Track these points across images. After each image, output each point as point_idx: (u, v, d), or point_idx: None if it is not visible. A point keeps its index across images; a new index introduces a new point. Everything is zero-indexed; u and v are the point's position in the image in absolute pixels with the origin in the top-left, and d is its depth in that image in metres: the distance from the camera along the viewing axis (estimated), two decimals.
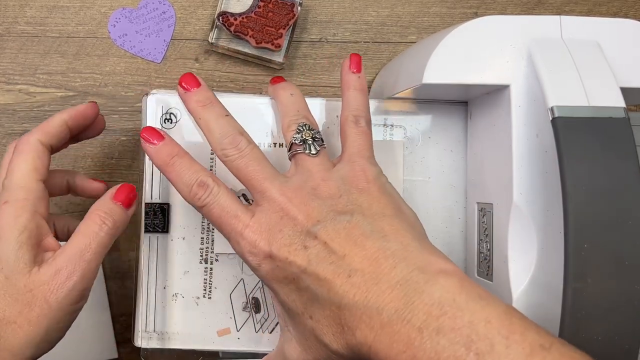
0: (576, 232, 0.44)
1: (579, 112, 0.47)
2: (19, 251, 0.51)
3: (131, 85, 0.72)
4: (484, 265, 0.58)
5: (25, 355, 0.50)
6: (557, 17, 0.54)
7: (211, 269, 0.63)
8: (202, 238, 0.62)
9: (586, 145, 0.46)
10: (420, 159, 0.63)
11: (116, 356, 0.72)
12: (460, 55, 0.53)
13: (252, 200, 0.53)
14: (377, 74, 0.72)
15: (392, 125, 0.63)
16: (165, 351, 0.63)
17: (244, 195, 0.61)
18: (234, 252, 0.54)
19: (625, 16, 0.73)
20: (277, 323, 0.63)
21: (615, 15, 0.74)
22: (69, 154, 0.71)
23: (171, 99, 0.63)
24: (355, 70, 0.57)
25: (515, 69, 0.53)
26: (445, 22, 0.74)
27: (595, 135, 0.46)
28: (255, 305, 0.63)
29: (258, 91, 0.73)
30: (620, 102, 0.48)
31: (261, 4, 0.70)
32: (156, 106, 0.62)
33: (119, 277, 0.72)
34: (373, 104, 0.63)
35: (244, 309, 0.63)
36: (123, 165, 0.72)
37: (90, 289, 0.54)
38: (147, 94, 0.62)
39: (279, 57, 0.71)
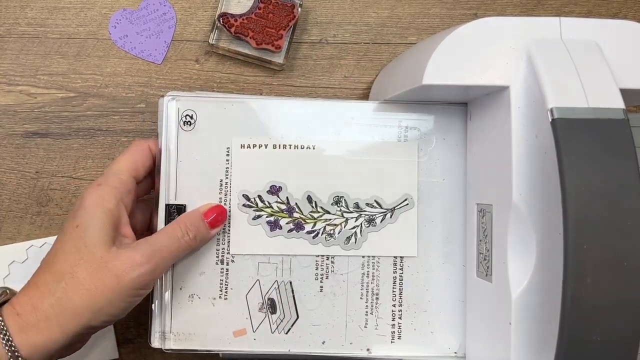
0: (575, 233, 0.44)
1: (579, 114, 0.47)
2: (102, 229, 0.56)
3: (132, 86, 0.72)
4: (483, 265, 0.58)
5: (85, 317, 0.55)
6: (557, 18, 0.54)
7: (227, 269, 0.63)
8: (218, 239, 0.63)
9: (585, 147, 0.46)
10: (435, 160, 0.63)
11: (116, 356, 0.72)
12: (460, 56, 0.53)
13: None
14: (376, 76, 0.72)
15: (406, 127, 0.63)
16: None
17: (244, 195, 0.61)
18: (250, 253, 0.59)
19: (625, 17, 0.73)
20: (294, 323, 0.64)
21: (614, 16, 0.74)
22: (70, 155, 0.71)
23: (188, 101, 0.63)
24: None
25: (514, 70, 0.53)
26: (445, 23, 0.74)
27: (594, 136, 0.46)
28: (271, 306, 0.64)
29: (258, 92, 0.73)
30: (620, 104, 0.48)
31: (261, 5, 0.70)
32: (174, 108, 0.63)
33: None
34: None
35: (260, 309, 0.64)
36: None
37: (152, 286, 0.60)
38: (163, 96, 0.63)
39: (279, 58, 0.71)
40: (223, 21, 0.69)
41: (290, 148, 0.64)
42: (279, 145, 0.63)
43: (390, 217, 0.63)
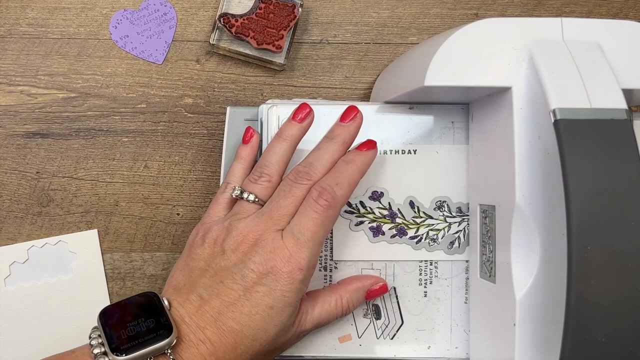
0: (579, 234, 0.44)
1: (581, 114, 0.47)
2: (293, 316, 0.56)
3: (132, 86, 0.72)
4: (487, 267, 0.58)
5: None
6: (559, 18, 0.54)
7: (330, 276, 0.64)
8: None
9: (588, 147, 0.46)
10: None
11: None
12: (462, 57, 0.53)
13: None
14: (377, 76, 0.72)
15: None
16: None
17: None
18: (353, 259, 0.63)
19: (626, 17, 0.74)
20: (399, 329, 0.64)
21: (615, 16, 0.74)
22: (70, 155, 0.71)
23: (286, 108, 0.64)
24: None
25: (516, 71, 0.53)
26: (445, 24, 0.74)
27: (597, 137, 0.46)
28: (375, 312, 0.64)
29: (259, 92, 0.73)
30: (622, 104, 0.48)
31: (262, 5, 0.70)
32: (275, 115, 0.64)
33: (120, 278, 0.72)
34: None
35: (365, 315, 0.64)
36: (124, 166, 0.72)
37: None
38: (264, 103, 0.64)
39: (280, 59, 0.71)
40: (224, 21, 0.69)
41: (390, 153, 0.64)
42: (380, 151, 0.63)
43: None
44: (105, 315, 0.54)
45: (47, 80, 0.71)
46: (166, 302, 0.54)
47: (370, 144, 0.60)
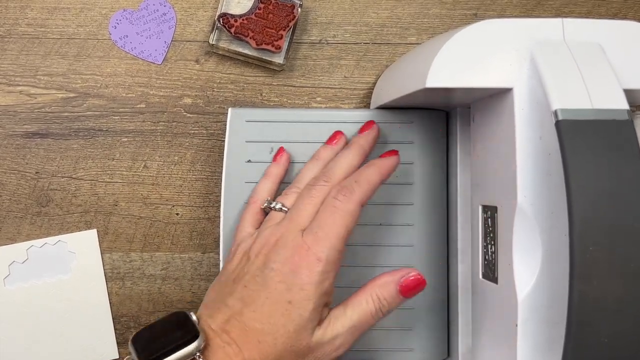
0: (581, 235, 0.44)
1: (583, 115, 0.47)
2: (314, 312, 0.55)
3: (132, 86, 0.72)
4: (489, 267, 0.58)
5: None
6: (559, 19, 0.54)
7: None
8: None
9: (590, 148, 0.46)
10: None
11: (116, 356, 0.72)
12: (463, 58, 0.53)
13: None
14: (377, 77, 0.72)
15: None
16: None
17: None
18: None
19: (625, 17, 0.74)
20: None
21: (614, 16, 0.74)
22: (70, 155, 0.71)
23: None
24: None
25: (518, 72, 0.53)
26: (445, 24, 0.74)
27: (599, 137, 0.46)
28: None
29: (258, 92, 0.73)
30: (624, 104, 0.48)
31: (261, 5, 0.70)
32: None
33: (120, 278, 0.72)
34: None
35: None
36: (124, 166, 0.72)
37: None
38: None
39: (279, 59, 0.71)
40: (223, 21, 0.69)
41: None
42: None
43: None
44: (136, 337, 0.54)
45: (46, 80, 0.71)
46: (194, 317, 0.54)
47: (391, 153, 0.62)
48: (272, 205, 0.61)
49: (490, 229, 0.58)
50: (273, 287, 0.54)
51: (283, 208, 0.60)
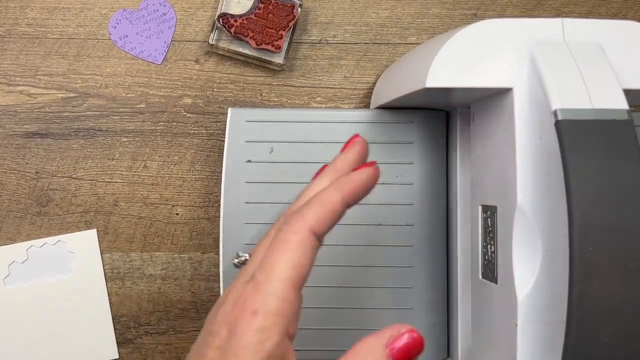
0: (581, 235, 0.44)
1: (583, 115, 0.47)
2: None
3: (132, 86, 0.72)
4: (489, 267, 0.58)
5: None
6: (559, 19, 0.53)
7: None
8: None
9: (590, 148, 0.46)
10: None
11: (116, 356, 0.72)
12: (463, 58, 0.53)
13: None
14: (377, 77, 0.72)
15: None
16: None
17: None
18: None
19: (625, 17, 0.74)
20: None
21: (614, 16, 0.74)
22: (70, 155, 0.71)
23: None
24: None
25: (518, 72, 0.53)
26: (444, 24, 0.74)
27: (598, 137, 0.46)
28: None
29: (258, 92, 0.73)
30: (624, 104, 0.48)
31: (261, 5, 0.70)
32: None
33: (119, 278, 0.72)
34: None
35: None
36: (124, 166, 0.72)
37: None
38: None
39: (279, 59, 0.71)
40: (223, 21, 0.69)
41: None
42: None
43: None
44: None
45: (46, 80, 0.71)
46: None
47: (368, 164, 0.48)
48: (235, 261, 0.48)
49: (490, 228, 0.58)
50: (211, 355, 0.41)
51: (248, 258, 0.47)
